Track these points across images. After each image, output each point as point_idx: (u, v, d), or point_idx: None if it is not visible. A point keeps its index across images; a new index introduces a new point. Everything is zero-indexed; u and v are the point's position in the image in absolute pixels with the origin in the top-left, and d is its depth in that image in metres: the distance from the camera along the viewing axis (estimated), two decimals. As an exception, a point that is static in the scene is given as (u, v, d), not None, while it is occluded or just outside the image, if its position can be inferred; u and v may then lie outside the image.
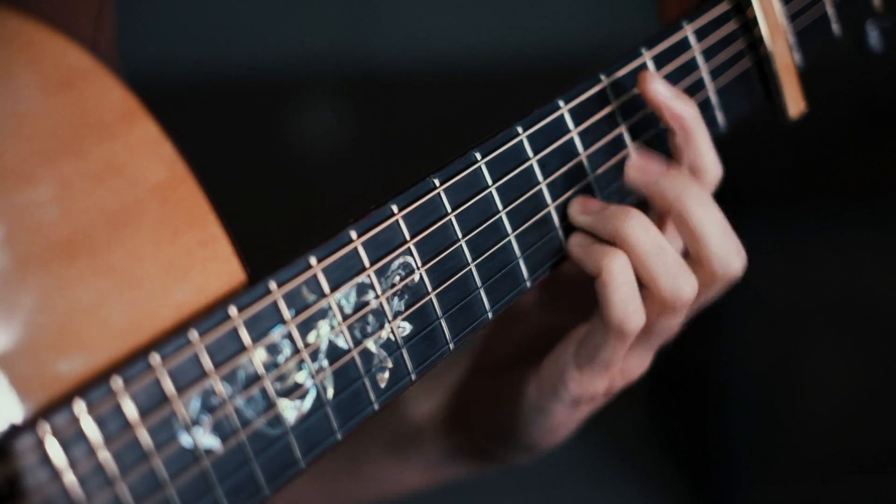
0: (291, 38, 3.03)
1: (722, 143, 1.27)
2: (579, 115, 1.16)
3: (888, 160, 2.85)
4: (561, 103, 1.15)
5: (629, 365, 1.20)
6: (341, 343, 1.01)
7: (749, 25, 1.27)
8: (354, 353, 1.02)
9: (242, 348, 0.96)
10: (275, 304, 0.97)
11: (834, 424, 2.85)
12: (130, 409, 0.90)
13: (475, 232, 1.10)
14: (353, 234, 1.02)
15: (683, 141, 1.20)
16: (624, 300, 1.13)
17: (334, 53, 3.04)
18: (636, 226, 1.13)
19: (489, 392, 1.28)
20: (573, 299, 1.25)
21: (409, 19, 3.04)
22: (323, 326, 1.00)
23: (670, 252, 1.14)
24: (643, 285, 1.15)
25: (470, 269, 1.09)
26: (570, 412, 1.22)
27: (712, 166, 1.22)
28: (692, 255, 1.17)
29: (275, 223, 2.87)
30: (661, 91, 1.18)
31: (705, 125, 1.20)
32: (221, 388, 0.94)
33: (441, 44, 3.04)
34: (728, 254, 1.16)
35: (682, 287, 1.14)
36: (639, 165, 1.16)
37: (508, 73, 2.99)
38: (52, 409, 0.88)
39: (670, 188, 1.14)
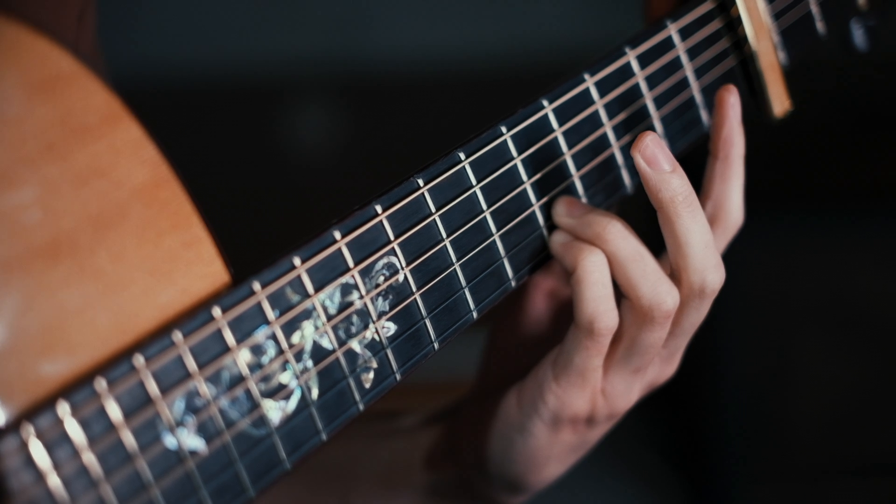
0: (284, 42, 3.03)
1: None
2: (563, 114, 1.16)
3: (881, 162, 2.85)
4: (545, 103, 1.15)
5: (611, 388, 1.18)
6: (326, 343, 1.01)
7: (733, 24, 1.28)
8: (339, 354, 1.02)
9: (226, 349, 0.96)
10: (259, 305, 0.98)
11: (827, 425, 2.85)
12: (114, 411, 0.90)
13: (459, 232, 1.10)
14: (338, 235, 1.02)
15: (721, 172, 1.20)
16: (595, 298, 1.12)
17: (327, 56, 3.04)
18: (616, 232, 1.13)
19: (476, 419, 1.27)
20: None
21: (400, 23, 3.04)
22: (307, 327, 1.00)
23: (650, 261, 1.14)
24: (623, 294, 1.14)
25: (454, 269, 1.09)
26: (551, 434, 1.20)
27: (737, 212, 1.22)
28: (672, 266, 1.16)
29: (266, 227, 2.87)
30: (734, 110, 1.20)
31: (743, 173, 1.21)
32: (205, 389, 0.94)
33: (432, 48, 3.04)
34: (706, 268, 1.14)
35: (662, 295, 1.13)
36: (658, 145, 1.13)
37: (501, 75, 2.99)
38: (36, 410, 0.88)
39: (669, 187, 1.13)
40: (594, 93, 1.18)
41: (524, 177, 1.14)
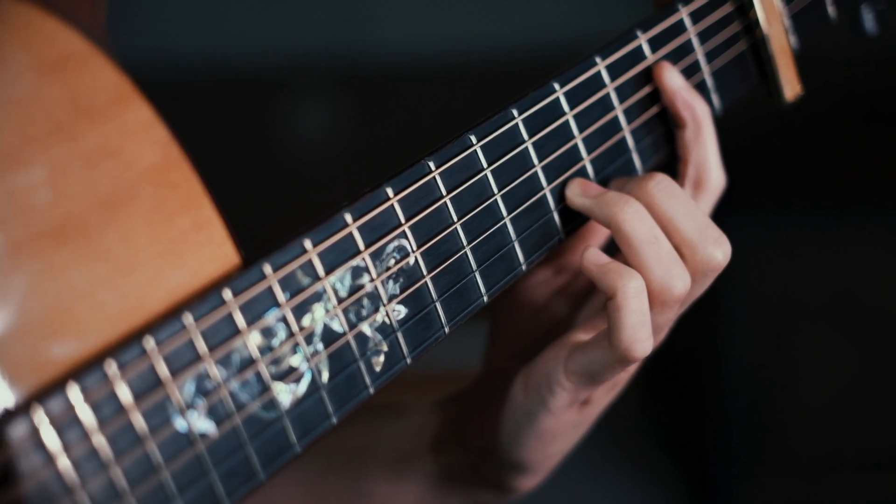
0: (286, 34, 3.03)
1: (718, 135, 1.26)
2: (574, 97, 1.16)
3: (884, 157, 2.85)
4: (556, 86, 1.15)
5: None
6: (336, 326, 1.01)
7: (744, 8, 1.27)
8: (349, 337, 1.01)
9: (237, 332, 0.95)
10: (269, 288, 0.97)
11: (829, 420, 2.85)
12: (125, 393, 0.89)
13: (470, 215, 1.09)
14: (348, 218, 1.02)
15: (693, 135, 1.20)
16: (635, 325, 1.09)
17: (330, 48, 3.04)
18: (633, 213, 1.12)
19: (482, 404, 1.27)
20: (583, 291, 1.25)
21: (403, 16, 3.03)
22: (318, 310, 0.99)
23: (665, 244, 1.12)
24: None
25: (465, 253, 1.09)
26: (555, 417, 1.19)
27: (717, 172, 1.21)
28: (676, 251, 1.15)
29: (266, 222, 2.86)
30: (676, 81, 1.19)
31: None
32: (216, 371, 0.94)
33: (435, 41, 3.04)
34: (705, 241, 1.13)
35: (674, 280, 1.12)
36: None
37: (504, 69, 2.99)
38: (46, 393, 0.87)
39: (637, 186, 1.13)
40: (605, 76, 1.17)
41: (535, 160, 1.13)
